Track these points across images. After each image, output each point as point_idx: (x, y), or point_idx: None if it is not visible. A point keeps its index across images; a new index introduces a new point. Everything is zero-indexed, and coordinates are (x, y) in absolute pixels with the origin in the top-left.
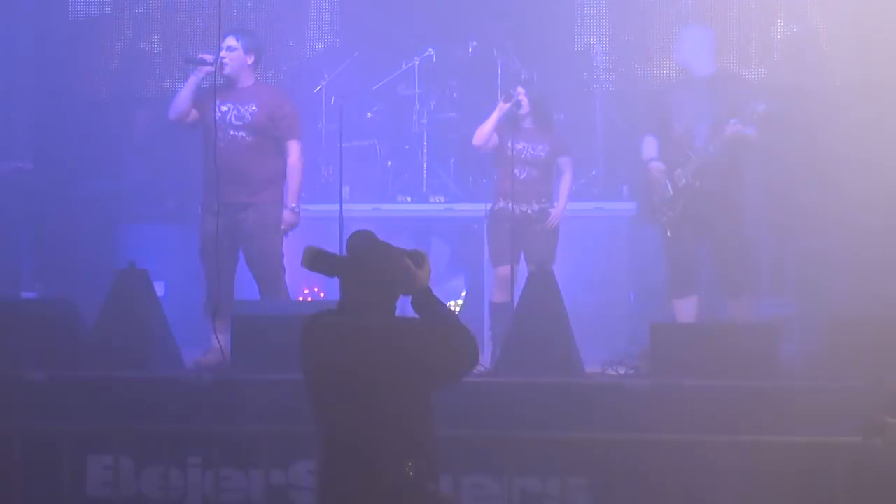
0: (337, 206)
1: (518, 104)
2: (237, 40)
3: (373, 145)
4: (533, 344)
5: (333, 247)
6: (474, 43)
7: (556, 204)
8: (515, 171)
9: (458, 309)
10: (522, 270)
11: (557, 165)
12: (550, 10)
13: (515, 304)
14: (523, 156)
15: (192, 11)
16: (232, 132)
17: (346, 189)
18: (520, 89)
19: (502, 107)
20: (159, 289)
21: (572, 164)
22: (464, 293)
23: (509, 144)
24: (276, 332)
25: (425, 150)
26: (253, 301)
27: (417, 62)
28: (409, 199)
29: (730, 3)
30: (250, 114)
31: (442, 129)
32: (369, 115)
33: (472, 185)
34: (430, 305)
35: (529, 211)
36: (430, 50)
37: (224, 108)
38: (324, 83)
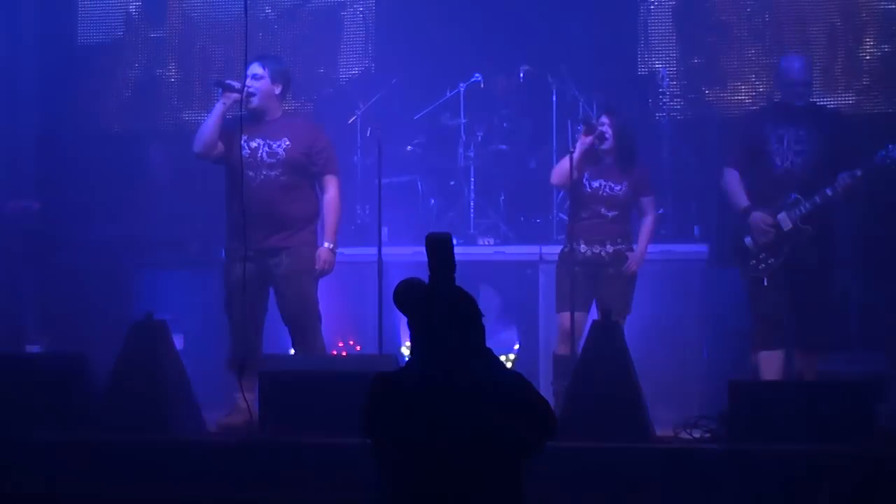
0: (374, 250)
1: (602, 136)
2: (263, 67)
3: (414, 181)
4: (597, 403)
5: (371, 295)
6: (526, 67)
7: (634, 247)
8: (590, 210)
9: (510, 364)
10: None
11: (639, 205)
12: (610, 30)
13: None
14: (600, 194)
15: (214, 35)
16: (264, 172)
17: (384, 230)
18: (604, 119)
19: (584, 140)
20: (178, 342)
21: (655, 205)
22: (517, 346)
23: (585, 181)
24: (308, 390)
25: (472, 187)
26: (283, 356)
27: (463, 89)
28: (454, 242)
29: (812, 21)
30: (283, 150)
31: (491, 162)
32: (409, 148)
33: (524, 225)
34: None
35: (603, 254)
36: (476, 75)
37: (253, 145)
38: (358, 113)
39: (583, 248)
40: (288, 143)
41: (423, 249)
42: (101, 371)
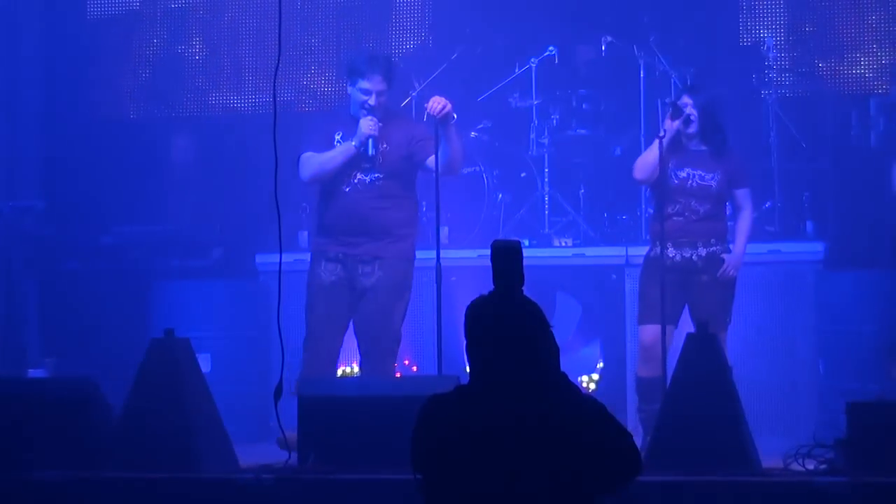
0: (432, 253)
1: (688, 120)
2: (387, 82)
3: (478, 173)
4: (693, 430)
5: (429, 306)
6: (608, 38)
7: (731, 248)
8: (678, 205)
9: (592, 386)
10: (684, 334)
11: (734, 199)
12: None
13: (670, 377)
14: (688, 186)
15: (245, 5)
16: (359, 176)
17: (443, 231)
18: (686, 100)
19: (671, 125)
20: (204, 364)
21: (752, 197)
22: (600, 364)
23: (670, 172)
24: (355, 418)
25: (547, 179)
26: (325, 378)
27: (535, 65)
28: (526, 243)
29: None
30: (381, 153)
31: (568, 150)
32: (473, 134)
33: (608, 223)
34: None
35: (695, 257)
36: (550, 49)
37: None
38: (413, 94)
39: (671, 251)
40: (386, 146)
41: (489, 254)
42: (116, 398)
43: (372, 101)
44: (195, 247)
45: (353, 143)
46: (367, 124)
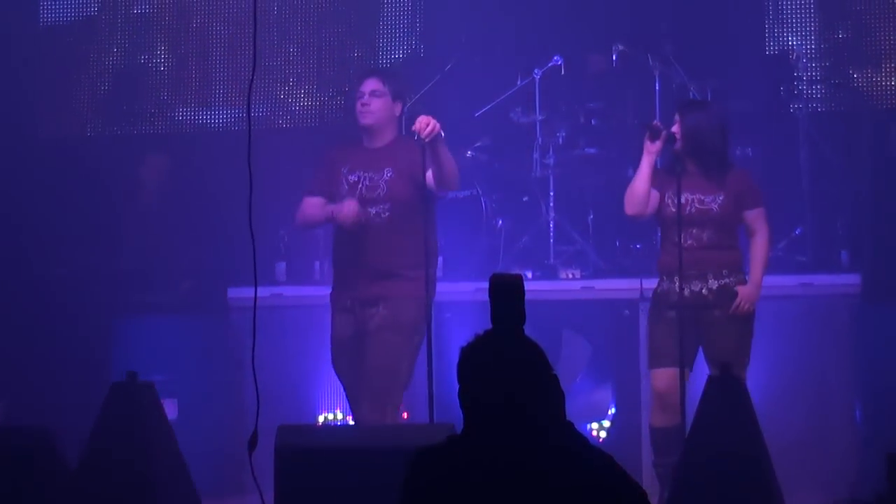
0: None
1: (672, 138)
2: (383, 84)
3: (476, 197)
4: (717, 485)
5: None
6: (620, 47)
7: (746, 279)
8: (678, 236)
9: (603, 434)
10: (698, 377)
11: (744, 223)
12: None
13: (689, 426)
14: (688, 212)
15: (216, 10)
16: (365, 209)
17: (437, 260)
18: (657, 123)
19: (650, 148)
20: (171, 410)
21: (767, 219)
22: (612, 411)
23: (668, 198)
24: (338, 471)
25: (552, 204)
26: (305, 426)
27: (538, 76)
28: (528, 276)
29: None
30: (385, 183)
31: (576, 171)
32: (470, 153)
33: (620, 252)
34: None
35: (704, 291)
36: (556, 58)
37: (353, 179)
38: (404, 108)
39: (678, 285)
40: (391, 174)
41: (487, 288)
42: (71, 449)
43: (365, 100)
44: (160, 280)
45: (338, 221)
46: (350, 211)
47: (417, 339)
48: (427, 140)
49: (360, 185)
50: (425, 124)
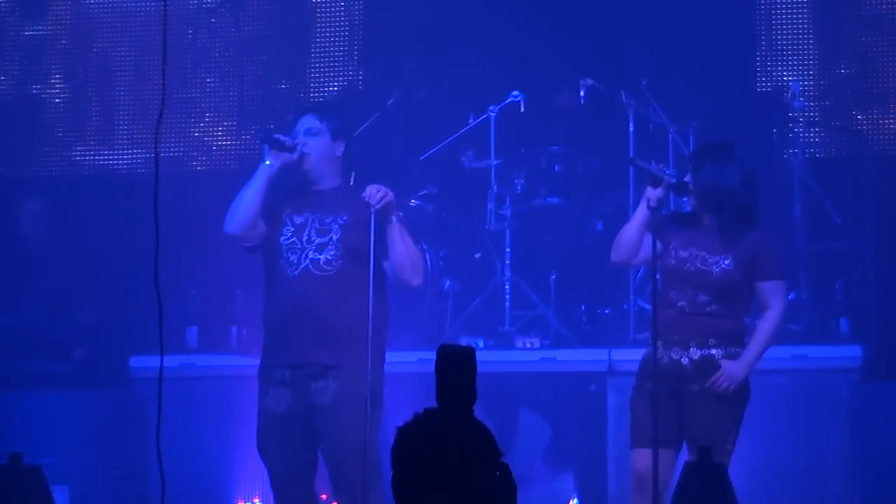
0: None
1: (684, 187)
2: (320, 120)
3: (421, 251)
4: None
5: None
6: (589, 82)
7: (739, 353)
8: (675, 293)
9: None
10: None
11: (758, 294)
12: (715, 27)
13: None
14: (686, 269)
15: (120, 33)
16: (311, 255)
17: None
18: (659, 167)
19: (650, 194)
20: (61, 497)
21: (784, 294)
22: (574, 501)
23: (671, 249)
24: None
25: (508, 262)
26: None
27: (494, 114)
28: (480, 345)
29: None
30: (339, 227)
31: (536, 224)
32: (414, 202)
33: (585, 319)
34: None
35: (685, 360)
36: (515, 94)
37: (299, 220)
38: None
39: (660, 352)
40: (346, 218)
41: (432, 358)
42: None
43: (300, 139)
44: (51, 346)
45: (267, 161)
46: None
47: (379, 410)
48: (377, 206)
49: (307, 228)
50: (375, 191)
